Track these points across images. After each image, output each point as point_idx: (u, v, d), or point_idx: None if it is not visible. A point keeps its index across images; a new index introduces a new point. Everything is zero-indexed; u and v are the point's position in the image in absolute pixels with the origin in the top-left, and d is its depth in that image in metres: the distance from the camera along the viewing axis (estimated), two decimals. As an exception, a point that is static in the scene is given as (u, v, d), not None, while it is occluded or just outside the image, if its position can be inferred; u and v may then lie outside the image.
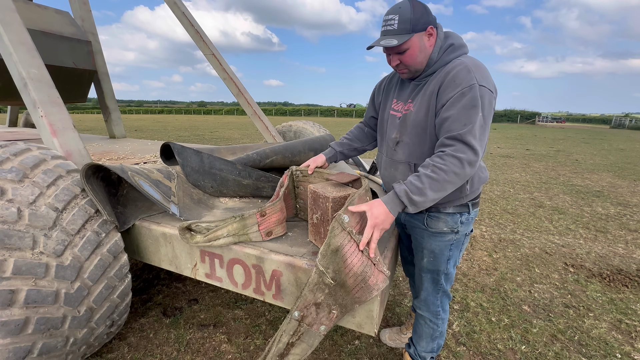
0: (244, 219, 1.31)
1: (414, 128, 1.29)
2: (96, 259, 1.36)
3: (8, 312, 1.12)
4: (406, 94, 1.36)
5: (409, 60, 1.24)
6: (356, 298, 1.11)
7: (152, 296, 2.35)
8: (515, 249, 3.28)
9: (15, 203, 1.19)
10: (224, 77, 3.66)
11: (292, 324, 1.15)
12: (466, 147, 1.10)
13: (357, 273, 1.07)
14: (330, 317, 1.14)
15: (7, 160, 1.28)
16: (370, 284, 1.08)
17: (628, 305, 2.39)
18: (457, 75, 1.16)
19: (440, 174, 1.09)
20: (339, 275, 1.07)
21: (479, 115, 1.11)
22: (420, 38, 1.21)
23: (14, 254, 1.14)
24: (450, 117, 1.14)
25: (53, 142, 1.71)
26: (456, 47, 1.26)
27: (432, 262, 1.42)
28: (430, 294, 1.49)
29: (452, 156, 1.10)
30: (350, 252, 1.06)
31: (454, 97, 1.14)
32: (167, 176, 1.67)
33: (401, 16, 1.17)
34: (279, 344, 1.17)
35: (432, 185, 1.10)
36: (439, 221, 1.36)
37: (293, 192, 1.59)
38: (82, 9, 3.91)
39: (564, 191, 5.66)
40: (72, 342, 1.34)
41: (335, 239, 1.06)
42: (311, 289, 1.11)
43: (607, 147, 13.45)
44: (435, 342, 1.57)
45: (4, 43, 1.78)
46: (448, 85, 1.17)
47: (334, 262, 1.07)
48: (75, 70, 3.77)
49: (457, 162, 1.10)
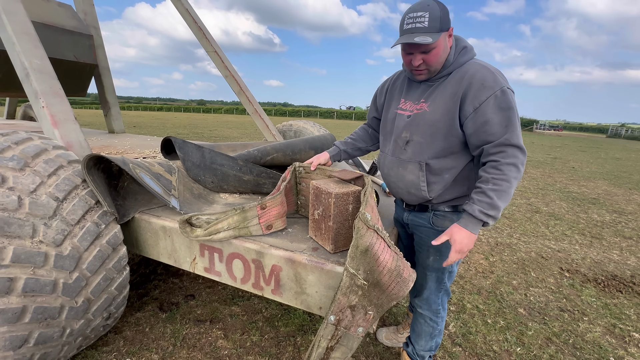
0: (245, 211, 1.31)
1: (429, 127, 1.28)
2: (95, 250, 1.35)
3: (6, 300, 1.11)
4: (417, 94, 1.35)
5: (433, 60, 1.22)
6: (392, 295, 1.09)
7: (149, 291, 2.34)
8: (511, 253, 3.30)
9: (16, 191, 1.19)
10: (225, 75, 3.67)
11: (329, 328, 1.14)
12: (515, 149, 1.14)
13: (392, 269, 1.06)
14: (366, 319, 1.13)
15: (9, 149, 1.28)
16: (405, 277, 1.08)
17: (622, 310, 2.40)
18: (485, 79, 1.17)
19: (504, 184, 1.13)
20: (372, 274, 1.06)
21: (517, 117, 1.16)
22: (445, 38, 1.20)
23: (14, 242, 1.14)
24: (489, 121, 1.15)
25: (54, 132, 1.71)
26: (468, 50, 1.28)
27: (438, 261, 1.42)
28: (433, 292, 1.50)
29: (508, 164, 1.13)
30: (382, 249, 1.05)
31: (488, 100, 1.15)
32: (168, 170, 1.67)
33: (432, 14, 1.14)
34: (318, 349, 1.16)
35: (500, 196, 1.13)
36: (445, 220, 1.37)
37: (295, 188, 1.60)
38: (85, 2, 3.90)
39: (561, 198, 5.70)
40: (69, 332, 1.33)
41: (364, 239, 1.04)
42: (344, 293, 1.09)
43: (603, 155, 13.56)
44: (433, 341, 1.58)
45: (7, 33, 1.77)
46: (476, 88, 1.17)
47: (365, 263, 1.05)
48: (76, 64, 3.76)
49: (514, 167, 1.13)
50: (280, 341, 1.91)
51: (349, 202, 1.24)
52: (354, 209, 1.26)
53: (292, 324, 2.05)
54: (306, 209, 1.60)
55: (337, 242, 1.26)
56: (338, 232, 1.25)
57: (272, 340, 1.92)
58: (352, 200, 1.25)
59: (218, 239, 1.32)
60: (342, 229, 1.26)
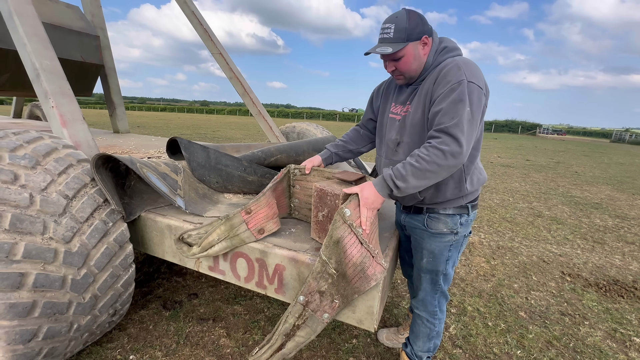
0: (230, 219, 1.32)
1: (413, 128, 1.34)
2: (103, 247, 1.38)
3: (17, 295, 1.14)
4: (404, 97, 1.41)
5: (404, 67, 1.31)
6: (355, 288, 1.15)
7: (153, 289, 2.37)
8: (513, 257, 3.30)
9: (28, 189, 1.22)
10: (230, 77, 3.70)
11: (297, 307, 1.23)
12: (451, 139, 1.14)
13: (357, 263, 1.12)
14: (332, 306, 1.20)
15: (21, 147, 1.31)
16: (368, 274, 1.13)
17: (623, 315, 2.41)
18: (448, 72, 1.22)
19: (423, 163, 1.15)
20: (340, 265, 1.13)
21: (467, 110, 1.16)
22: (414, 47, 1.28)
23: (25, 238, 1.17)
24: (439, 111, 1.19)
25: (63, 132, 1.74)
26: (449, 49, 1.32)
27: (432, 263, 1.45)
28: (429, 294, 1.52)
29: (436, 148, 1.14)
30: (351, 244, 1.12)
31: (444, 92, 1.19)
32: (174, 170, 1.70)
33: (397, 25, 1.25)
34: (285, 324, 1.25)
35: (414, 172, 1.16)
36: (439, 222, 1.39)
37: (287, 191, 1.61)
38: (92, 4, 3.96)
39: (563, 202, 5.70)
40: (76, 328, 1.36)
41: (337, 231, 1.13)
42: (314, 277, 1.18)
43: (606, 160, 13.51)
44: (431, 342, 1.60)
45: (18, 34, 1.81)
46: (439, 82, 1.23)
47: (336, 253, 1.13)
48: (83, 64, 3.81)
49: (440, 153, 1.14)
50: (282, 340, 1.93)
51: None
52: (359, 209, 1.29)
53: (294, 324, 2.07)
54: (300, 211, 1.61)
55: None
56: None
57: (274, 339, 1.94)
58: None
59: (214, 252, 1.34)
60: None
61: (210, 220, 1.46)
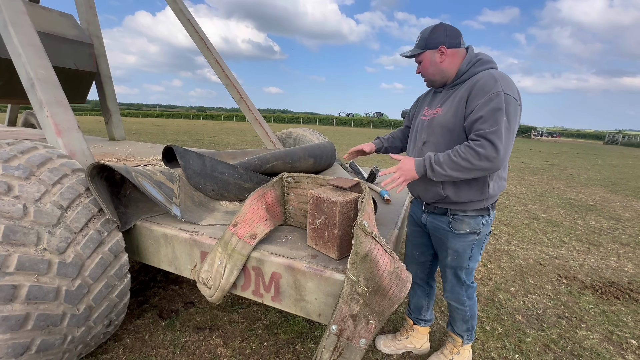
0: (222, 238, 1.35)
1: (441, 128, 1.45)
2: (97, 258, 1.37)
3: (9, 307, 1.13)
4: (436, 101, 1.55)
5: (422, 70, 1.53)
6: (394, 297, 1.09)
7: (148, 298, 2.34)
8: (509, 260, 3.32)
9: (22, 200, 1.21)
10: (226, 83, 3.72)
11: (331, 338, 1.13)
12: (489, 144, 1.24)
13: (391, 271, 1.10)
14: (368, 329, 1.11)
15: (15, 158, 1.30)
16: (403, 278, 1.11)
17: (620, 317, 2.42)
18: (485, 83, 1.32)
19: (458, 158, 1.28)
20: (373, 280, 1.08)
21: (504, 119, 1.25)
22: (432, 54, 1.47)
23: (18, 249, 1.16)
24: (479, 119, 1.29)
25: (57, 141, 1.73)
26: (484, 62, 1.43)
27: (456, 260, 1.57)
28: (455, 285, 1.65)
29: (472, 148, 1.26)
30: (380, 254, 1.10)
31: (482, 102, 1.29)
32: (170, 178, 1.69)
33: (422, 34, 1.49)
34: None
35: (449, 164, 1.30)
36: (462, 223, 1.50)
37: (282, 198, 1.61)
38: (88, 12, 3.97)
39: (558, 204, 5.74)
40: (70, 340, 1.34)
41: (362, 246, 1.09)
42: (345, 300, 1.10)
43: (600, 162, 13.65)
44: (469, 324, 1.74)
45: (13, 44, 1.81)
46: (477, 93, 1.33)
47: (365, 269, 1.08)
48: (77, 72, 3.81)
49: (475, 154, 1.25)
50: (279, 348, 1.91)
51: (351, 209, 1.28)
52: (354, 215, 1.29)
53: (292, 332, 2.06)
54: (296, 218, 1.61)
55: (342, 249, 1.29)
56: (343, 239, 1.28)
57: (272, 347, 1.92)
58: (354, 207, 1.29)
59: (226, 282, 1.32)
60: (345, 236, 1.29)
61: (224, 219, 1.57)
